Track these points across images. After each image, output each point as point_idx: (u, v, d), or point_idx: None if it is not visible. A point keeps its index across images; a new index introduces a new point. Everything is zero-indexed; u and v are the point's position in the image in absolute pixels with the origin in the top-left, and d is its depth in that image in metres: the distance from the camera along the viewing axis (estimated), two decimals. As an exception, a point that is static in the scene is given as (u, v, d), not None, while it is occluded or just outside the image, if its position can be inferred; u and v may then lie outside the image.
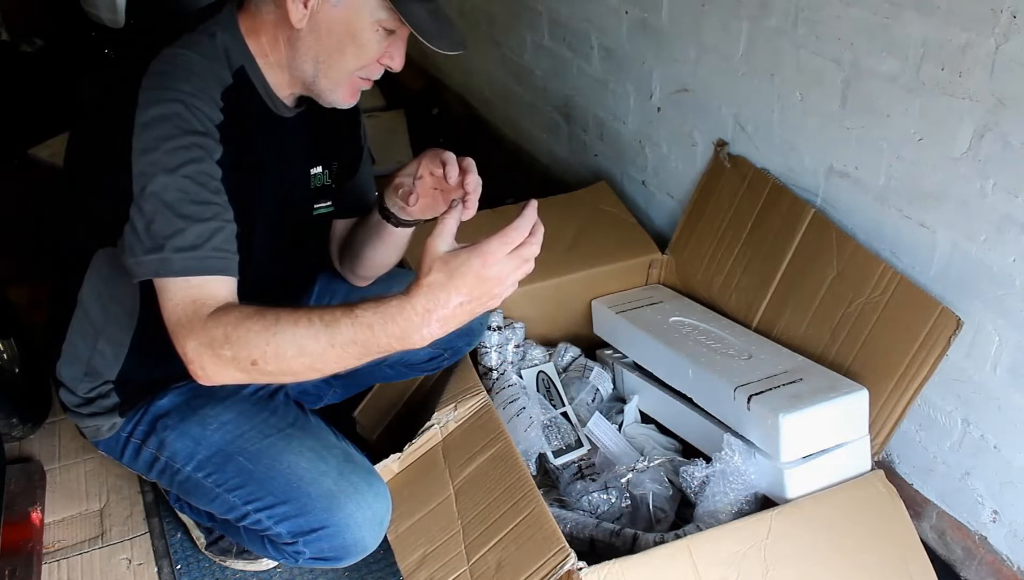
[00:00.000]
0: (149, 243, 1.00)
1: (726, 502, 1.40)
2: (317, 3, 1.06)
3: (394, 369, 1.57)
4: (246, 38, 1.12)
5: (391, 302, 0.94)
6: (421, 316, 0.93)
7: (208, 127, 1.05)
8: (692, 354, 1.56)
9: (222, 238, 1.03)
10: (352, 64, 1.12)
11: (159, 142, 1.00)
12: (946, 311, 1.35)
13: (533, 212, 0.94)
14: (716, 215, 1.79)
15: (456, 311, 0.93)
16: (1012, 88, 1.20)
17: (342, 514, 1.18)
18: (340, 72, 1.12)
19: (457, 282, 0.92)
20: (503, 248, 0.92)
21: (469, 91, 3.04)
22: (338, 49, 1.10)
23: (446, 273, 0.92)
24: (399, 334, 0.94)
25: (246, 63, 1.12)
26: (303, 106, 1.23)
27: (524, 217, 0.94)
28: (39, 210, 2.32)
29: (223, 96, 1.08)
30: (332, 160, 1.33)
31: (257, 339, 0.96)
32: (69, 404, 1.29)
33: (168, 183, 1.00)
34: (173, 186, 1.00)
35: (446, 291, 0.92)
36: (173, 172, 1.00)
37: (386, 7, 1.07)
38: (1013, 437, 1.37)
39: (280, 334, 0.96)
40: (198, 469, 1.24)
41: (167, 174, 1.00)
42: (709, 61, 1.76)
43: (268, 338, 0.96)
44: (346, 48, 1.10)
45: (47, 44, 3.74)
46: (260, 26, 1.12)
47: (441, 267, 0.92)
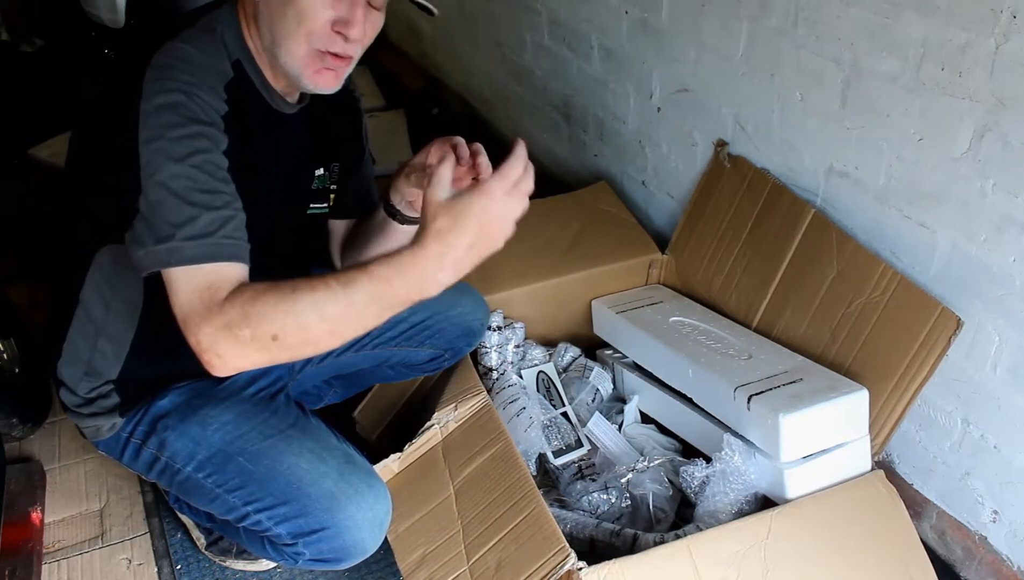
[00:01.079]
0: (159, 233, 0.98)
1: (726, 502, 1.40)
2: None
3: (395, 369, 1.57)
4: (243, 32, 1.12)
5: (403, 254, 0.96)
6: (435, 262, 0.95)
7: (213, 117, 1.04)
8: (692, 354, 1.56)
9: (233, 226, 1.01)
10: (297, 28, 1.06)
11: (164, 130, 0.99)
12: (946, 311, 1.35)
13: (523, 149, 0.99)
14: (716, 215, 1.79)
15: (467, 253, 0.96)
16: (1012, 88, 1.20)
17: (342, 515, 1.18)
18: (292, 41, 1.07)
19: (463, 223, 0.94)
20: (502, 185, 0.96)
21: (469, 91, 3.04)
22: (280, 14, 1.06)
23: (451, 217, 0.94)
24: (416, 284, 0.95)
25: (242, 56, 1.12)
26: (304, 102, 1.23)
27: (516, 155, 0.97)
28: (39, 210, 2.32)
29: (226, 88, 1.07)
30: (333, 161, 1.33)
31: (275, 311, 0.95)
32: (69, 404, 1.29)
33: (176, 172, 0.99)
34: (181, 175, 0.99)
35: (455, 234, 0.94)
36: (181, 161, 0.99)
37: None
38: (1013, 437, 1.37)
39: (299, 302, 0.95)
40: (198, 469, 1.24)
41: (175, 163, 0.99)
42: (709, 61, 1.76)
43: (287, 308, 0.95)
44: (287, 10, 1.05)
45: (47, 44, 3.74)
46: (249, 15, 1.12)
47: (446, 213, 0.95)
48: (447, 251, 0.95)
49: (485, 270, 1.73)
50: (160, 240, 0.98)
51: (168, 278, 0.99)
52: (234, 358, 0.97)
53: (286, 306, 0.95)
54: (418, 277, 0.95)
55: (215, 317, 0.96)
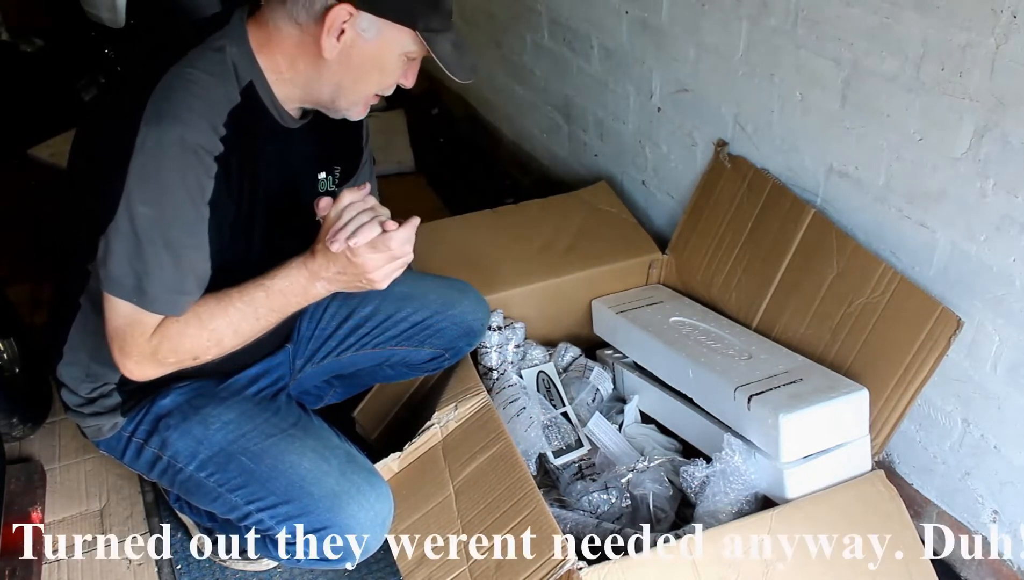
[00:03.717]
0: (124, 269, 1.05)
1: (726, 502, 1.40)
2: (352, 37, 1.08)
3: (395, 369, 1.57)
4: (257, 52, 1.12)
5: (292, 264, 1.12)
6: (309, 277, 1.11)
7: (205, 161, 1.07)
8: (692, 354, 1.56)
9: (192, 282, 1.10)
10: (374, 88, 1.17)
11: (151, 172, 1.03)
12: (946, 311, 1.35)
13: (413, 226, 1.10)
14: (716, 215, 1.79)
15: (336, 277, 1.11)
16: (1012, 88, 1.20)
17: (344, 514, 1.18)
18: (361, 95, 1.17)
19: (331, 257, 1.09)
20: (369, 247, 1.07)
21: (469, 91, 3.04)
22: (363, 77, 1.14)
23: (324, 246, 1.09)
24: (301, 292, 1.12)
25: (255, 78, 1.12)
26: (308, 117, 1.23)
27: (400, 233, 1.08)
28: (39, 210, 2.32)
29: (230, 116, 1.09)
30: (335, 164, 1.34)
31: (198, 338, 1.11)
32: (71, 404, 1.29)
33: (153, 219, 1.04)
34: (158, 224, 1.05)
35: (325, 260, 1.10)
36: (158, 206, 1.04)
37: (418, 42, 1.11)
38: (1013, 437, 1.37)
39: (216, 327, 1.11)
40: (200, 469, 1.24)
41: (151, 207, 1.04)
42: (709, 61, 1.76)
43: (208, 335, 1.11)
44: (371, 76, 1.14)
45: (47, 44, 3.74)
46: (276, 43, 1.12)
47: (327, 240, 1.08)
48: (318, 271, 1.10)
49: (485, 270, 1.76)
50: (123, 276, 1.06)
51: (108, 297, 1.08)
52: (155, 374, 1.13)
53: (206, 334, 1.11)
54: (303, 286, 1.12)
55: (143, 346, 1.09)
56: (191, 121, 1.05)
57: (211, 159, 1.07)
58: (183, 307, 1.10)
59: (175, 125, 1.03)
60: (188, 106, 1.05)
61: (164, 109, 1.04)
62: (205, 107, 1.06)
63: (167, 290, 1.07)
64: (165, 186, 1.04)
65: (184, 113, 1.04)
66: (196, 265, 1.10)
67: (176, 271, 1.07)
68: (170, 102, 1.04)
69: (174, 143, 1.03)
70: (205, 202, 1.08)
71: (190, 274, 1.09)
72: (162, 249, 1.06)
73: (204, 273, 1.11)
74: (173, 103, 1.04)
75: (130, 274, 1.05)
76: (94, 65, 3.26)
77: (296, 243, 1.13)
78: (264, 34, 1.12)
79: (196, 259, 1.10)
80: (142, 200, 1.03)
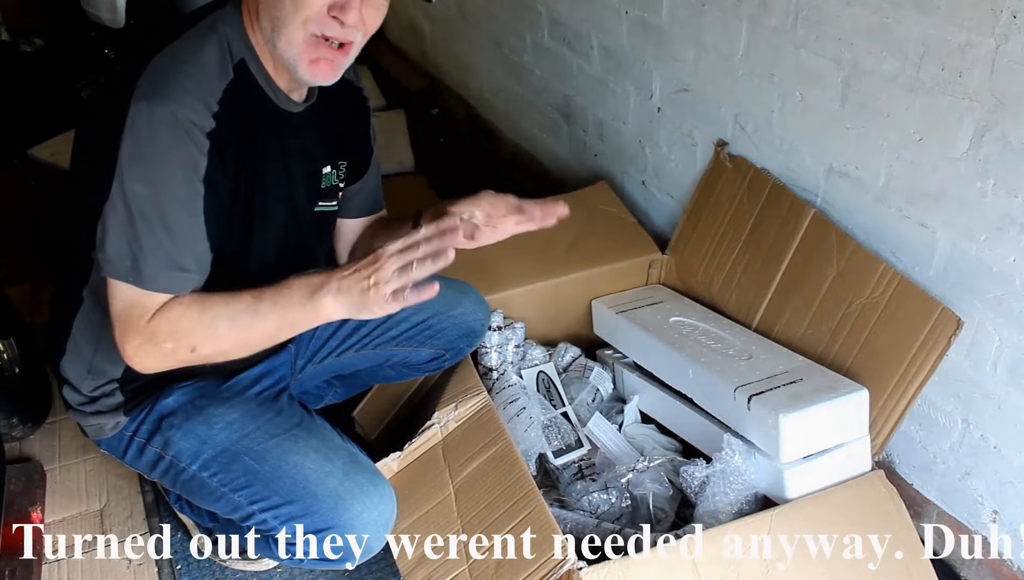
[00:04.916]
0: (121, 250, 1.05)
1: (726, 502, 1.40)
2: None
3: (395, 369, 1.57)
4: (249, 29, 1.12)
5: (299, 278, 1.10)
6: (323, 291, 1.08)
7: (197, 138, 1.06)
8: (692, 354, 1.56)
9: (190, 259, 1.09)
10: (295, 14, 1.06)
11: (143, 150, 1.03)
12: (946, 311, 1.35)
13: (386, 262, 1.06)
14: (716, 215, 1.79)
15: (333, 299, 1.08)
16: (1012, 88, 1.20)
17: (348, 515, 1.18)
18: (290, 27, 1.07)
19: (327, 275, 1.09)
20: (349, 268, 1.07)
21: (469, 91, 3.04)
22: (279, 1, 1.07)
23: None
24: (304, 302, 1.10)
25: (246, 55, 1.12)
26: (312, 100, 1.23)
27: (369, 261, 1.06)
28: (39, 210, 2.32)
29: (224, 93, 1.08)
30: (341, 160, 1.33)
31: (196, 323, 1.08)
32: (73, 402, 1.29)
33: (147, 197, 1.04)
34: (152, 201, 1.04)
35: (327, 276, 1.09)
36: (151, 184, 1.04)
37: None
38: (1013, 437, 1.37)
39: (215, 312, 1.08)
40: (203, 468, 1.24)
41: (144, 185, 1.03)
42: (709, 61, 1.76)
43: (208, 320, 1.08)
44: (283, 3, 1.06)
45: (47, 44, 3.74)
46: (252, 10, 1.12)
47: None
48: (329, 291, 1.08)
49: (485, 270, 1.75)
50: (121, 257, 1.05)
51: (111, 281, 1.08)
52: (153, 366, 1.10)
53: (207, 319, 1.08)
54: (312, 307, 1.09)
55: (144, 329, 1.07)
56: (182, 99, 1.04)
57: (203, 135, 1.06)
58: (183, 285, 1.08)
59: (166, 102, 1.03)
60: (178, 83, 1.05)
61: (154, 87, 1.04)
62: (195, 84, 1.06)
63: (163, 267, 1.06)
64: (157, 164, 1.04)
65: (174, 90, 1.04)
66: (194, 243, 1.09)
67: (173, 247, 1.06)
68: (161, 80, 1.04)
69: (164, 120, 1.03)
70: (200, 179, 1.07)
71: (187, 252, 1.08)
72: (157, 226, 1.05)
73: (203, 252, 1.10)
74: (163, 81, 1.04)
75: (127, 254, 1.05)
76: (94, 65, 3.26)
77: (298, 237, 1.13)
78: (249, 11, 1.12)
79: (193, 236, 1.08)
80: (135, 178, 1.03)
